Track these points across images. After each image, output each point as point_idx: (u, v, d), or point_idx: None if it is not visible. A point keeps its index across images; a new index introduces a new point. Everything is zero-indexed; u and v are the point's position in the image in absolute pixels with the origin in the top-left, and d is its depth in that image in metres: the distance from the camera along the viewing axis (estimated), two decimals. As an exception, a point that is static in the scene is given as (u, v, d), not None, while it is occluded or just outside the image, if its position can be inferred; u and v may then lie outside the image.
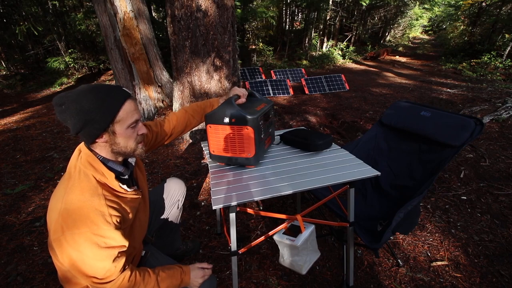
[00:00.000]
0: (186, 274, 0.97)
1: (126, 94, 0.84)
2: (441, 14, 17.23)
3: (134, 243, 0.96)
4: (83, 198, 0.76)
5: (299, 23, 13.57)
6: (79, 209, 0.75)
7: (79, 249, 0.74)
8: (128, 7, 3.39)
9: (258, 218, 1.94)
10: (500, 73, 7.46)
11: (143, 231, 1.04)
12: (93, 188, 0.78)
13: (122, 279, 0.82)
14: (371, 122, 3.78)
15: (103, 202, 0.78)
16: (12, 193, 2.33)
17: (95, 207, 0.76)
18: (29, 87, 6.92)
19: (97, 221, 0.76)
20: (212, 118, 1.16)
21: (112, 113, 0.80)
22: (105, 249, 0.77)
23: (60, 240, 0.74)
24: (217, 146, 1.20)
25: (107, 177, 0.83)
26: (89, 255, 0.75)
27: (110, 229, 0.78)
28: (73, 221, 0.74)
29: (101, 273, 0.78)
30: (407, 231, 1.33)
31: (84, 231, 0.74)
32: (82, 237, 0.74)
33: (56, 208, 0.76)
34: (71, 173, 0.82)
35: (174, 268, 0.96)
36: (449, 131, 1.38)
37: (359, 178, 1.10)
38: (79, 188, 0.77)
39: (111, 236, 0.78)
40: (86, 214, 0.75)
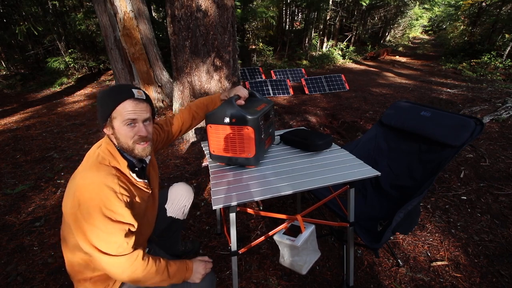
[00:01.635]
0: (189, 270, 0.99)
1: (129, 94, 0.89)
2: (441, 14, 17.24)
3: (140, 240, 0.98)
4: (98, 175, 0.83)
5: (299, 23, 13.57)
6: (94, 184, 0.82)
7: (93, 223, 0.80)
8: (128, 7, 3.39)
9: (258, 218, 1.93)
10: (500, 73, 7.47)
11: (150, 228, 1.08)
12: (108, 169, 0.86)
13: (137, 256, 0.86)
14: (371, 122, 3.78)
15: (116, 181, 0.85)
16: (12, 193, 2.33)
17: (108, 184, 0.83)
18: (29, 87, 6.92)
19: (109, 196, 0.82)
20: (213, 118, 1.16)
21: (109, 108, 0.88)
22: (116, 223, 0.83)
23: (76, 214, 0.80)
24: (217, 146, 1.20)
25: (120, 163, 0.90)
26: (101, 228, 0.80)
27: (121, 206, 0.84)
28: (88, 195, 0.80)
29: (113, 248, 0.82)
30: (407, 231, 1.33)
31: (97, 204, 0.80)
32: (95, 211, 0.80)
33: (73, 185, 0.83)
34: (90, 156, 0.91)
35: (181, 263, 0.99)
36: (449, 131, 1.38)
37: (359, 178, 1.10)
38: (96, 168, 0.85)
39: (121, 212, 0.84)
40: (100, 190, 0.81)
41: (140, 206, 0.96)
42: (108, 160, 0.89)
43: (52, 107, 5.15)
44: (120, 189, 0.86)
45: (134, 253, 0.87)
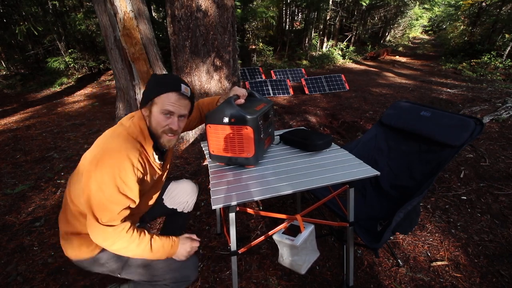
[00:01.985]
0: (174, 247, 1.00)
1: (176, 87, 0.95)
2: (441, 14, 17.25)
3: (133, 215, 1.01)
4: (124, 145, 0.88)
5: (299, 23, 13.57)
6: (118, 152, 0.86)
7: (102, 187, 0.84)
8: (128, 7, 3.39)
9: (258, 218, 1.93)
10: (500, 73, 7.47)
11: (146, 207, 1.13)
12: (134, 143, 0.91)
13: (123, 228, 0.89)
14: (371, 122, 3.78)
15: (137, 156, 0.90)
16: (12, 193, 2.33)
17: (130, 156, 0.87)
18: (29, 87, 6.92)
19: (127, 168, 0.87)
20: (212, 118, 1.16)
21: (154, 93, 0.94)
22: (122, 195, 0.87)
23: (90, 172, 0.84)
24: (216, 146, 1.20)
25: (146, 142, 0.95)
26: (107, 194, 0.85)
27: (133, 180, 0.89)
28: (108, 160, 0.84)
29: (106, 216, 0.86)
30: (407, 231, 1.33)
31: (113, 172, 0.84)
32: (109, 177, 0.84)
33: (100, 145, 0.88)
34: (123, 123, 0.96)
35: (167, 239, 1.00)
36: (449, 131, 1.38)
37: (359, 178, 1.10)
38: (124, 138, 0.90)
39: (131, 186, 0.89)
40: (122, 159, 0.86)
41: (148, 184, 1.01)
42: (137, 135, 0.94)
43: (52, 107, 5.15)
44: (138, 164, 0.90)
45: (121, 224, 0.90)
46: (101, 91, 6.46)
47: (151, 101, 0.95)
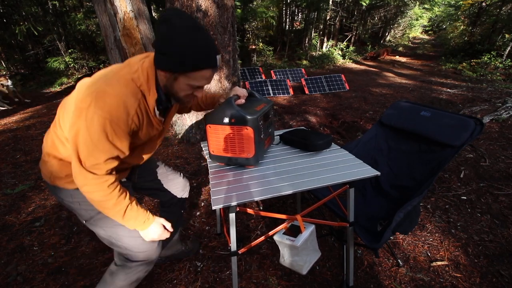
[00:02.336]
0: (145, 225, 0.95)
1: (214, 63, 0.84)
2: (441, 14, 17.25)
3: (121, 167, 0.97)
4: (124, 91, 0.79)
5: (299, 23, 13.57)
6: (115, 97, 0.78)
7: (90, 129, 0.76)
8: (128, 7, 3.39)
9: (258, 218, 1.93)
10: (500, 73, 7.47)
11: (138, 161, 1.05)
12: (135, 91, 0.82)
13: (105, 180, 0.83)
14: (371, 122, 3.78)
15: (136, 105, 0.82)
16: (12, 193, 2.33)
17: (127, 104, 0.80)
18: (29, 87, 6.92)
19: (121, 116, 0.79)
20: (212, 118, 1.16)
21: (189, 67, 0.81)
22: (109, 143, 0.80)
23: (82, 110, 0.76)
24: (216, 146, 1.20)
25: (150, 94, 0.86)
26: (94, 138, 0.77)
27: (125, 131, 0.82)
28: (103, 103, 0.76)
29: (90, 161, 0.80)
30: (407, 231, 1.33)
31: (106, 116, 0.76)
32: (100, 121, 0.76)
33: (98, 83, 0.79)
34: (130, 64, 0.85)
35: (144, 213, 0.95)
36: (449, 131, 1.38)
37: (359, 178, 1.10)
38: (126, 82, 0.81)
39: (121, 136, 0.82)
40: (117, 105, 0.78)
41: (142, 138, 0.94)
42: (141, 83, 0.84)
43: (52, 107, 5.15)
44: (135, 115, 0.83)
45: (105, 176, 0.84)
46: (101, 91, 6.45)
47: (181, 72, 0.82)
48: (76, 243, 1.75)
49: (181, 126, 3.14)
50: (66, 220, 1.97)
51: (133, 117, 0.82)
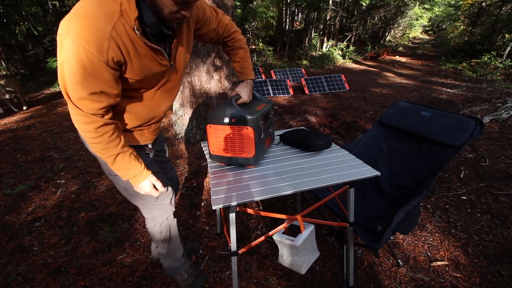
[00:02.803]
0: (137, 178, 0.94)
1: None
2: (441, 14, 17.25)
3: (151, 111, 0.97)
4: (95, 11, 0.68)
5: (299, 23, 13.58)
6: (86, 19, 0.68)
7: (68, 59, 0.70)
8: (128, 7, 3.40)
9: (258, 218, 1.94)
10: (500, 73, 7.47)
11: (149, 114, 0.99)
12: (112, 10, 0.70)
13: (92, 121, 0.78)
14: (371, 122, 3.78)
15: (109, 28, 0.70)
16: (12, 193, 2.33)
17: (99, 27, 0.69)
18: (29, 87, 6.92)
19: (93, 43, 0.69)
20: (212, 118, 1.16)
21: None
22: (88, 75, 0.72)
23: (62, 39, 0.69)
24: (217, 146, 1.20)
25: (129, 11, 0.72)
26: (72, 69, 0.70)
27: (101, 60, 0.71)
28: (76, 27, 0.68)
29: (74, 95, 0.74)
30: (407, 231, 1.33)
31: (78, 43, 0.68)
32: (74, 48, 0.68)
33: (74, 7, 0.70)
34: None
35: (137, 166, 0.92)
36: (449, 131, 1.38)
37: (359, 178, 1.10)
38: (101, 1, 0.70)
39: (100, 67, 0.72)
40: (88, 29, 0.68)
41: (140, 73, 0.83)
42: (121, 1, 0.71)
43: (52, 107, 5.15)
44: (110, 40, 0.70)
45: (92, 116, 0.78)
46: (101, 91, 6.45)
47: None
48: (76, 243, 1.75)
49: (181, 126, 3.14)
50: (66, 220, 1.98)
51: (109, 43, 0.70)
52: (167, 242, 1.27)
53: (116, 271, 1.53)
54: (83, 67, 0.70)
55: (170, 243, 1.28)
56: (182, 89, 2.90)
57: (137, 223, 1.92)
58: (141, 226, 1.89)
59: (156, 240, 1.27)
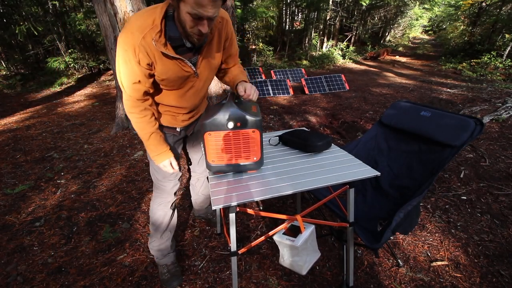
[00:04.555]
0: (159, 158, 1.20)
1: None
2: (441, 14, 17.25)
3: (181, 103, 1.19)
4: (134, 25, 0.92)
5: (299, 23, 13.57)
6: (128, 31, 0.92)
7: (118, 56, 0.97)
8: (128, 7, 3.40)
9: (258, 218, 1.94)
10: (500, 73, 7.47)
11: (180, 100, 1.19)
12: (144, 26, 0.92)
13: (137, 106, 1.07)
14: (371, 122, 3.78)
15: (139, 39, 0.92)
16: (12, 193, 2.33)
17: (133, 38, 0.92)
18: (29, 87, 6.92)
19: (130, 48, 0.93)
20: (213, 125, 1.06)
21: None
22: (129, 67, 0.97)
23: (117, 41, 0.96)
24: (217, 155, 1.12)
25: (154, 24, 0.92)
26: (120, 63, 0.98)
27: (134, 60, 0.95)
28: (123, 35, 0.93)
29: (124, 83, 1.01)
30: (407, 231, 1.33)
31: (122, 46, 0.94)
32: (120, 49, 0.95)
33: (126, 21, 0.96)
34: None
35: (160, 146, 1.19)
36: (449, 131, 1.38)
37: (359, 178, 1.10)
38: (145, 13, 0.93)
39: (134, 64, 0.96)
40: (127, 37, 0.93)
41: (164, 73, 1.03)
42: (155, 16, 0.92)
43: (52, 107, 5.15)
44: (139, 46, 0.93)
45: (137, 102, 1.06)
46: (101, 91, 6.46)
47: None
48: (76, 243, 1.75)
49: (181, 126, 3.13)
50: (66, 220, 1.98)
51: (138, 48, 0.93)
52: (156, 226, 1.40)
53: (116, 271, 1.53)
54: (125, 64, 0.97)
55: (158, 229, 1.40)
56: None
57: (137, 223, 1.92)
58: (141, 226, 1.89)
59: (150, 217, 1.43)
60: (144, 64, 0.97)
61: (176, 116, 1.25)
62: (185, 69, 1.05)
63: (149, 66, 0.99)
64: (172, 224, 1.45)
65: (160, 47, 0.94)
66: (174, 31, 0.96)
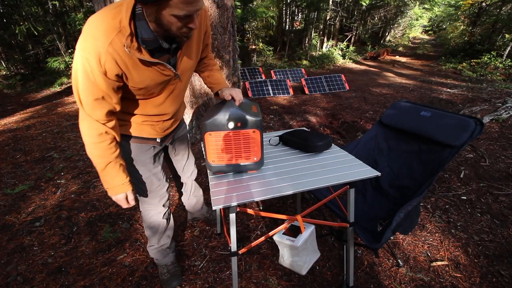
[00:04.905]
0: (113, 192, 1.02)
1: None
2: (441, 14, 17.25)
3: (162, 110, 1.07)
4: (97, 30, 0.77)
5: (299, 23, 13.57)
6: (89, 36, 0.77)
7: (78, 70, 0.80)
8: (128, 7, 3.40)
9: (258, 218, 1.94)
10: (500, 73, 7.47)
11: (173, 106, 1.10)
12: (109, 29, 0.77)
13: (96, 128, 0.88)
14: (371, 122, 3.78)
15: (105, 46, 0.77)
16: (12, 193, 2.33)
17: (98, 45, 0.77)
18: (29, 87, 6.92)
19: (93, 56, 0.77)
20: (213, 125, 1.05)
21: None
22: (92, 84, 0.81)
23: (75, 53, 0.80)
24: (218, 155, 1.12)
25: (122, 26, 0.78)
26: (80, 78, 0.80)
27: (100, 71, 0.80)
28: (83, 42, 0.78)
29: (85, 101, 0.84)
30: (407, 231, 1.33)
31: (83, 55, 0.78)
32: (81, 60, 0.78)
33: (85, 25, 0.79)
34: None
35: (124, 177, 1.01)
36: (449, 131, 1.38)
37: (359, 179, 1.10)
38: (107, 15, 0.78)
39: (98, 76, 0.80)
40: (90, 44, 0.77)
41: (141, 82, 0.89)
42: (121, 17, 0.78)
43: (52, 107, 5.15)
44: (106, 54, 0.78)
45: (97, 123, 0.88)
46: (101, 91, 6.44)
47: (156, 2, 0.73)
48: (76, 243, 1.75)
49: (181, 126, 3.13)
50: (66, 220, 1.98)
51: (106, 57, 0.78)
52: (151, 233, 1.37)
53: (116, 271, 1.53)
54: (87, 76, 0.80)
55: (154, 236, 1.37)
56: (182, 89, 2.90)
57: (137, 223, 1.92)
58: (141, 226, 1.89)
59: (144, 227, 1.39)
60: (112, 76, 0.82)
61: (156, 126, 1.12)
62: (165, 73, 0.94)
63: (118, 77, 0.84)
64: (168, 230, 1.41)
65: (135, 54, 0.81)
66: (147, 32, 0.81)
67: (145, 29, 0.81)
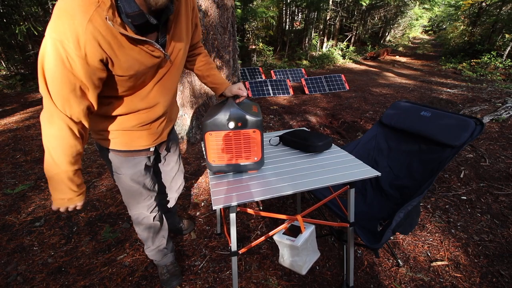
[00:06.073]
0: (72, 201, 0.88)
1: None
2: (441, 14, 17.26)
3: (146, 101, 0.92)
4: (72, 5, 0.64)
5: (299, 23, 13.57)
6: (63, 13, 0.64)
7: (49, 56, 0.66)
8: (128, 7, 3.40)
9: (258, 218, 1.94)
10: (500, 73, 7.47)
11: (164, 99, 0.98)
12: (87, 3, 0.65)
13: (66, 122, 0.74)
14: (371, 122, 3.78)
15: (84, 23, 0.65)
16: (12, 193, 2.33)
17: (75, 23, 0.64)
18: (29, 87, 6.92)
19: (70, 37, 0.65)
20: (214, 125, 1.06)
21: None
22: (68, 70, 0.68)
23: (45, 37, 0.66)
24: (218, 155, 1.13)
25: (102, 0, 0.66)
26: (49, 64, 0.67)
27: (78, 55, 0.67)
28: (52, 22, 0.65)
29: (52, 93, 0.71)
30: (407, 231, 1.33)
31: (56, 38, 0.65)
32: (53, 44, 0.65)
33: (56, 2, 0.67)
34: None
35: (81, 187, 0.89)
36: (449, 131, 1.38)
37: (359, 179, 1.10)
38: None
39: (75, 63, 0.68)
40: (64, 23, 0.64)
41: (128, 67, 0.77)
42: None
43: (52, 107, 5.15)
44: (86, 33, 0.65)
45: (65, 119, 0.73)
46: (101, 91, 6.45)
47: None
48: (76, 243, 1.75)
49: (181, 126, 3.14)
50: (66, 220, 1.98)
51: (84, 37, 0.65)
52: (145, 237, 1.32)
53: (116, 271, 1.53)
54: (62, 62, 0.67)
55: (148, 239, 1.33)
56: (182, 89, 2.90)
57: (137, 223, 1.92)
58: (141, 226, 1.89)
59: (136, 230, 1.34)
60: (95, 61, 0.70)
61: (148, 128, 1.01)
62: (155, 54, 0.81)
63: (102, 64, 0.72)
64: (162, 231, 1.35)
65: (119, 29, 0.69)
66: (131, 5, 0.70)
67: (128, 2, 0.70)
